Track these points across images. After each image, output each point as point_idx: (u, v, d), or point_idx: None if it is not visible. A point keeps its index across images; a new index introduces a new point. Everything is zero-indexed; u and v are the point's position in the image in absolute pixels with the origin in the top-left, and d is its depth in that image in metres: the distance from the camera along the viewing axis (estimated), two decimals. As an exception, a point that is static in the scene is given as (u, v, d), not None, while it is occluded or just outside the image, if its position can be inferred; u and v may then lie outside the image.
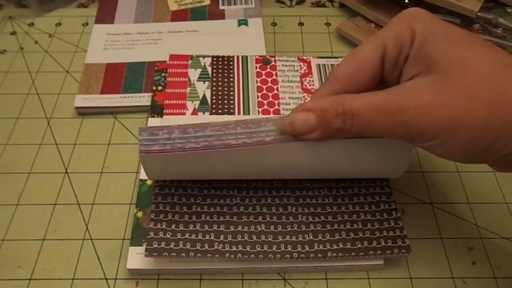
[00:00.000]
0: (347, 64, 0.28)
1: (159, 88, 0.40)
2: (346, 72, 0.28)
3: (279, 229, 0.31)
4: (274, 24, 0.49)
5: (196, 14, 0.49)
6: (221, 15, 0.49)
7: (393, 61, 0.27)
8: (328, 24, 0.49)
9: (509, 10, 0.45)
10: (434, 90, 0.24)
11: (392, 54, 0.27)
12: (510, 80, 0.23)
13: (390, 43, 0.26)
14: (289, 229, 0.31)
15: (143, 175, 0.35)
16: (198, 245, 0.30)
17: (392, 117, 0.24)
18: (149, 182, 0.34)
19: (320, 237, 0.31)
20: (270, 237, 0.31)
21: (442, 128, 0.23)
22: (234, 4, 0.50)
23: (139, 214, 0.33)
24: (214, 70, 0.41)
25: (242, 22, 0.48)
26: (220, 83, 0.40)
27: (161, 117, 0.38)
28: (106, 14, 0.49)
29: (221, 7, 0.50)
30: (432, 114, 0.23)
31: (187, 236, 0.31)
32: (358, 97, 0.26)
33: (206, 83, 0.40)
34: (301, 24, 0.49)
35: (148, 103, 0.40)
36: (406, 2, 0.45)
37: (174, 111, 0.38)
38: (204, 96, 0.39)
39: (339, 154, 0.29)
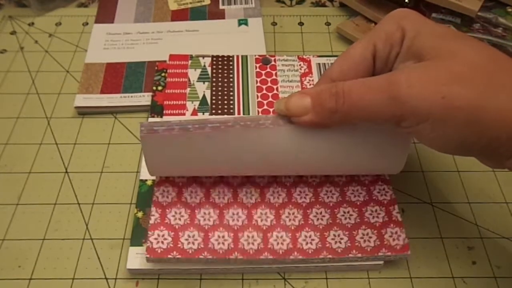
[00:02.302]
0: (340, 64, 0.29)
1: (159, 88, 0.40)
2: (340, 71, 0.29)
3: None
4: (274, 23, 0.49)
5: (196, 13, 0.49)
6: (221, 15, 0.49)
7: (384, 60, 0.28)
8: (328, 23, 0.49)
9: (509, 10, 0.45)
10: (425, 70, 0.24)
11: (382, 53, 0.27)
12: (500, 69, 0.24)
13: (380, 43, 0.27)
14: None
15: (143, 175, 0.35)
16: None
17: (382, 92, 0.24)
18: (149, 182, 0.34)
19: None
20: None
21: (435, 106, 0.23)
22: (234, 4, 0.50)
23: (139, 214, 0.33)
24: (214, 70, 0.41)
25: (242, 22, 0.48)
26: (220, 83, 0.40)
27: (161, 117, 0.38)
28: (106, 14, 0.49)
29: (221, 7, 0.50)
30: (424, 88, 0.23)
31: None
32: (351, 80, 0.26)
33: (206, 83, 0.40)
34: (301, 23, 0.49)
35: (148, 103, 0.40)
36: (406, 2, 0.45)
37: (174, 111, 0.38)
38: (204, 96, 0.39)
39: (336, 144, 0.29)
